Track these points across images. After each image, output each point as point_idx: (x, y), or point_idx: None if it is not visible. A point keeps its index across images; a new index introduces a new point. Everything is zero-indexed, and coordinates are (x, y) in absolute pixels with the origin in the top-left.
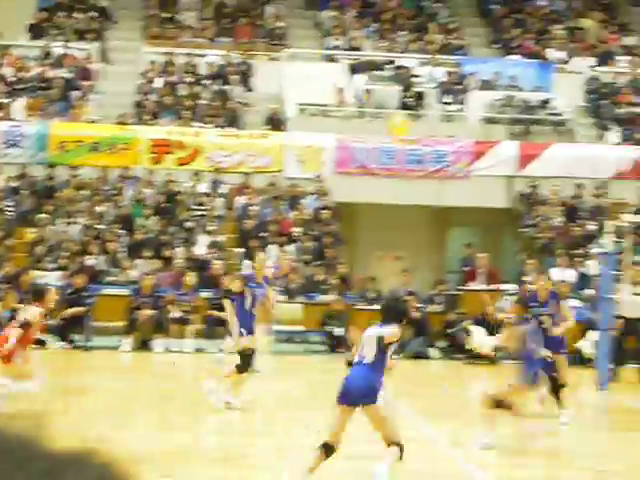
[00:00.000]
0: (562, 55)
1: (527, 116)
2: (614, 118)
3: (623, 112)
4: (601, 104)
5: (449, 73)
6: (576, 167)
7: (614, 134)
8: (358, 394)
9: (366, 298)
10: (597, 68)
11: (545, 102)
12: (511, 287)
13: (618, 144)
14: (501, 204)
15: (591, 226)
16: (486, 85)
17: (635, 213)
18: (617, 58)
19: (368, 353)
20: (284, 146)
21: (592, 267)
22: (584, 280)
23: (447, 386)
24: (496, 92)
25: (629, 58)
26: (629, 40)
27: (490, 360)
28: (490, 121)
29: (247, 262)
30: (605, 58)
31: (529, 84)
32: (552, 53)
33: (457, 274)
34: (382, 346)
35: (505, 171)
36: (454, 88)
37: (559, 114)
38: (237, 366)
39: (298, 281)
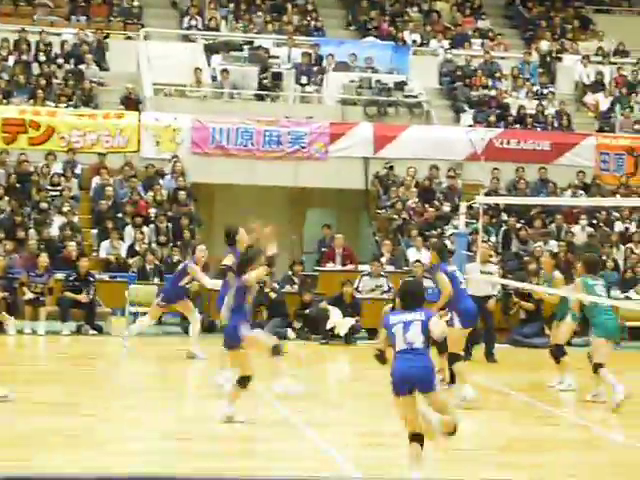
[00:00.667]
0: (417, 37)
1: (383, 98)
2: (468, 100)
3: (477, 95)
4: (456, 87)
5: (306, 54)
6: (431, 149)
7: (468, 116)
8: (419, 381)
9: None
10: (452, 51)
11: (401, 84)
12: (367, 268)
13: (472, 126)
14: (358, 186)
15: (446, 207)
16: (342, 67)
17: (487, 194)
18: (471, 41)
19: (415, 339)
20: (140, 126)
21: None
22: None
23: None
24: (352, 74)
25: (482, 41)
26: (483, 23)
27: (347, 340)
28: (347, 102)
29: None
30: (459, 41)
31: (385, 66)
32: (408, 35)
33: (314, 255)
34: (427, 332)
35: (362, 153)
36: (311, 69)
37: (415, 96)
38: None
39: (154, 262)
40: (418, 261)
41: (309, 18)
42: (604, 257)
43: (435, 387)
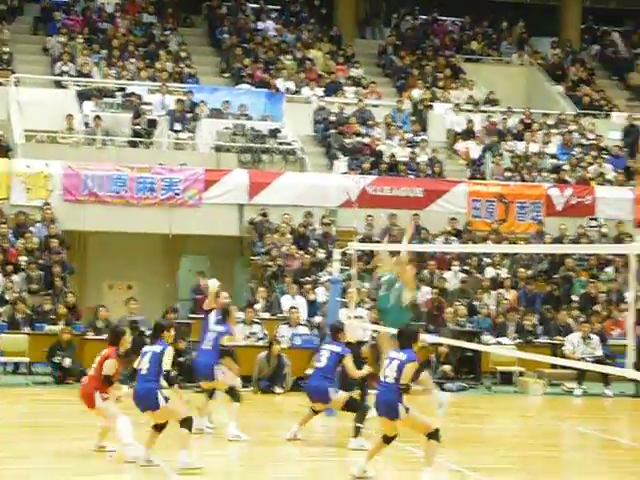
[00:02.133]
0: (291, 85)
1: (257, 145)
2: (342, 148)
3: (350, 142)
4: (329, 134)
5: (179, 101)
6: (305, 196)
7: (342, 163)
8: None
9: (95, 328)
10: (325, 99)
11: (275, 131)
12: (241, 315)
13: (346, 173)
14: (232, 232)
15: (320, 254)
16: (216, 114)
17: (361, 241)
18: (344, 89)
19: (390, 374)
20: (10, 173)
21: (321, 294)
22: (313, 307)
23: None
24: (226, 120)
25: (356, 89)
26: (356, 72)
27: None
28: (221, 149)
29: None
30: (333, 89)
31: (259, 113)
32: (281, 83)
33: (189, 302)
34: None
35: (236, 199)
36: (185, 116)
37: (289, 143)
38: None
39: (25, 311)
40: (293, 308)
41: (182, 65)
42: (476, 303)
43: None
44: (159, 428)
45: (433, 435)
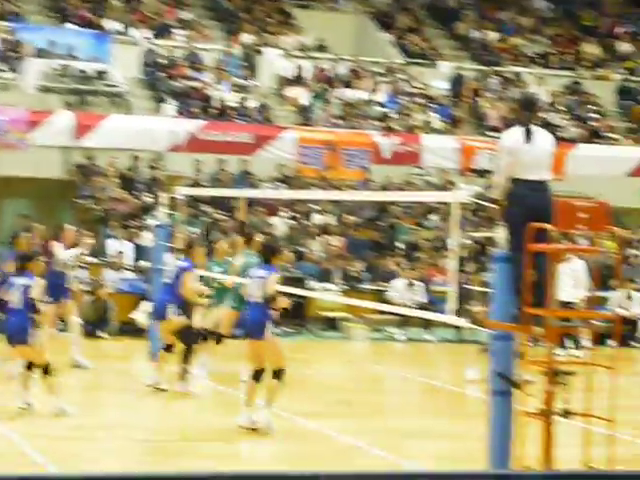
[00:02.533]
0: (119, 26)
1: (83, 86)
2: (170, 91)
3: (179, 85)
4: (157, 77)
5: (3, 40)
6: (133, 139)
7: (170, 107)
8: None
9: None
10: (154, 41)
11: (101, 73)
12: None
13: (174, 117)
14: (57, 175)
15: (147, 198)
16: (42, 53)
17: (191, 186)
18: (174, 32)
19: (255, 293)
20: None
21: (147, 239)
22: (140, 251)
23: None
24: (52, 61)
25: (185, 32)
26: (186, 14)
27: None
28: (46, 90)
29: None
30: (162, 31)
31: (86, 54)
32: (109, 23)
33: (10, 246)
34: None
35: (61, 141)
36: (9, 55)
37: (115, 85)
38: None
39: None
40: (120, 252)
41: (6, 2)
42: (303, 249)
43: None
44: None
45: (280, 374)
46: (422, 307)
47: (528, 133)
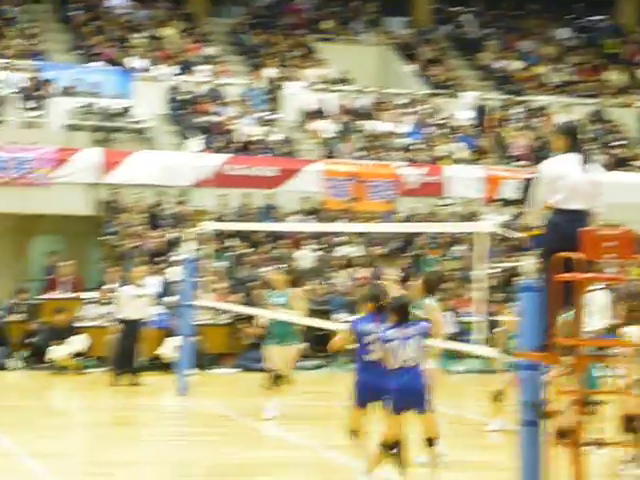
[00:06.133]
0: (143, 63)
1: (108, 123)
2: (195, 126)
3: (203, 121)
4: (182, 112)
5: (29, 79)
6: (158, 175)
7: (195, 142)
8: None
9: None
10: (178, 77)
11: (126, 109)
12: (93, 295)
13: (199, 152)
14: (84, 212)
15: (173, 233)
16: (67, 91)
17: (216, 220)
18: (197, 67)
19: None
20: None
21: (174, 274)
22: (166, 287)
23: None
24: (77, 99)
25: (209, 67)
26: (209, 50)
27: (76, 369)
28: (72, 128)
29: None
30: (186, 67)
31: (110, 91)
32: (133, 61)
33: (40, 282)
34: None
35: (88, 178)
36: (35, 94)
37: (140, 122)
38: None
39: None
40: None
41: (31, 42)
42: (326, 282)
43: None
44: None
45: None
46: (451, 337)
47: (578, 161)
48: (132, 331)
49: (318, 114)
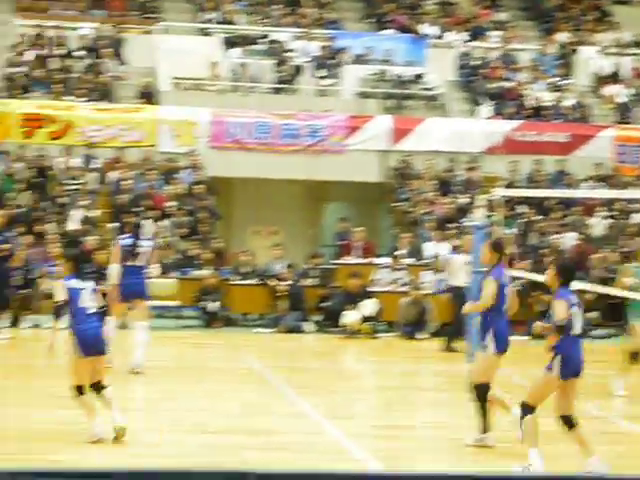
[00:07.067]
0: (434, 30)
1: (400, 91)
2: (485, 93)
3: (494, 87)
4: (473, 79)
5: (323, 47)
6: (449, 141)
7: (486, 109)
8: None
9: (240, 273)
10: (469, 43)
11: (418, 77)
12: (385, 261)
13: (489, 119)
14: (375, 178)
15: (463, 200)
16: (360, 59)
17: (507, 187)
18: (488, 33)
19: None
20: (157, 120)
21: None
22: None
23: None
24: (370, 66)
25: (500, 33)
26: (500, 16)
27: (367, 333)
28: (364, 95)
29: None
30: (477, 33)
31: (402, 59)
32: (425, 28)
33: (332, 248)
34: None
35: (379, 145)
36: (328, 62)
37: (432, 89)
38: None
39: (172, 256)
40: (437, 254)
41: (325, 11)
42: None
43: None
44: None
45: None
46: None
47: None
48: (462, 298)
49: (611, 79)
